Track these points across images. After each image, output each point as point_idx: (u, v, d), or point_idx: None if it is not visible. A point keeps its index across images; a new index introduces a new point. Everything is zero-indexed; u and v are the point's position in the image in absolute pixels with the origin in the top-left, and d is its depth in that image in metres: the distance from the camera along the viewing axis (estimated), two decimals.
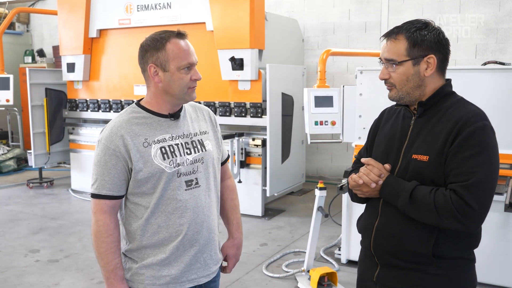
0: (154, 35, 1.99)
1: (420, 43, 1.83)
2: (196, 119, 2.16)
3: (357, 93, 4.38)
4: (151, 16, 6.62)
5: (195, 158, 2.06)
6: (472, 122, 1.77)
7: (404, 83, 1.86)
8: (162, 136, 2.01)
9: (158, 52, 1.95)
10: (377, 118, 2.17)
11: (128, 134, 1.96)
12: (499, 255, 3.90)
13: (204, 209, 2.07)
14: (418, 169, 1.83)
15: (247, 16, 5.82)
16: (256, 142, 6.21)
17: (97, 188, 1.98)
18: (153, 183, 1.97)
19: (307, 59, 8.08)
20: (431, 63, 1.84)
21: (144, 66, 2.00)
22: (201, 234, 2.07)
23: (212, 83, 6.30)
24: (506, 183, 3.77)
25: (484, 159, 1.75)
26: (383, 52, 1.90)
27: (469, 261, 1.91)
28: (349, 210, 4.54)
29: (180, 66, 1.95)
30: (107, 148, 1.95)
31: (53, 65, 10.36)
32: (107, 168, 1.95)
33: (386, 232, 1.92)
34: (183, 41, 1.98)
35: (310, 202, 6.54)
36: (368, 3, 7.69)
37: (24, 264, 4.74)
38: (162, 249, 2.02)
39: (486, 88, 3.89)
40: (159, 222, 2.01)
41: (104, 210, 1.98)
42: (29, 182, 7.98)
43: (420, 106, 1.89)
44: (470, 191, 1.71)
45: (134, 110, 2.05)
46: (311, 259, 4.31)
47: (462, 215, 1.71)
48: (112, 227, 1.99)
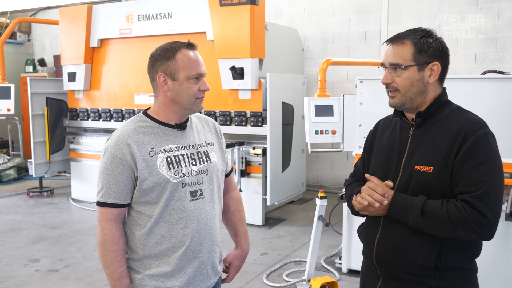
0: (165, 45, 2.02)
1: (426, 50, 1.84)
2: (202, 131, 2.18)
3: (357, 102, 4.39)
4: (152, 25, 6.65)
5: (200, 169, 2.06)
6: (475, 131, 1.77)
7: (408, 87, 1.85)
8: (168, 146, 2.02)
9: (168, 62, 1.97)
10: (372, 129, 2.15)
11: (134, 143, 1.96)
12: (500, 264, 3.88)
13: (208, 220, 2.07)
14: (422, 181, 1.82)
15: (247, 26, 5.85)
16: (257, 151, 6.21)
17: (103, 196, 1.98)
18: (157, 192, 1.97)
19: (307, 68, 8.10)
20: (435, 70, 1.85)
21: (154, 75, 2.02)
22: (204, 245, 2.07)
23: (213, 92, 6.31)
24: (507, 192, 3.76)
25: (490, 167, 1.75)
26: (387, 57, 1.89)
27: (471, 272, 1.90)
28: (350, 219, 4.53)
29: (189, 76, 1.98)
30: (113, 156, 1.96)
31: (54, 75, 10.40)
32: (113, 176, 1.95)
33: (388, 245, 1.90)
34: (192, 52, 2.02)
35: (310, 211, 6.54)
36: (367, 12, 7.73)
37: (24, 274, 4.72)
38: (165, 260, 2.02)
39: (486, 97, 3.90)
40: (162, 232, 2.00)
41: (110, 218, 1.98)
42: (29, 191, 7.97)
43: (419, 117, 1.88)
44: (482, 201, 1.71)
45: (141, 119, 2.05)
46: (312, 268, 4.30)
47: (478, 225, 1.71)
48: (118, 236, 1.99)
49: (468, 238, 1.77)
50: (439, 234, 1.79)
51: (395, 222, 1.87)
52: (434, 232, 1.79)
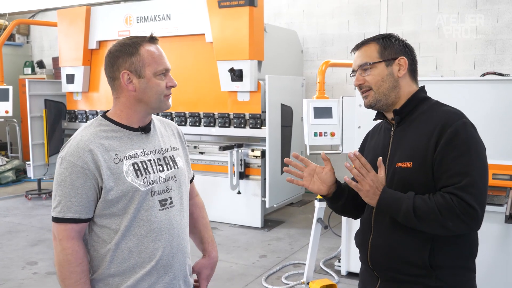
0: (124, 40, 1.84)
1: (390, 47, 1.92)
2: (166, 134, 2.02)
3: (356, 104, 4.38)
4: (150, 27, 6.64)
5: (168, 176, 1.90)
6: (452, 122, 1.77)
7: (380, 83, 1.90)
8: (134, 152, 1.84)
9: (132, 57, 1.80)
10: (364, 138, 2.20)
11: (97, 149, 1.76)
12: (499, 266, 3.87)
13: (180, 230, 1.91)
14: (403, 176, 1.83)
15: (246, 28, 5.85)
16: (256, 153, 6.20)
17: (62, 211, 1.75)
18: (124, 203, 1.78)
19: (306, 70, 8.09)
20: (403, 64, 1.91)
21: (115, 74, 1.84)
22: (176, 259, 1.90)
23: (212, 94, 6.31)
24: (506, 194, 3.74)
25: (472, 157, 1.74)
26: (355, 61, 1.96)
27: (469, 271, 1.89)
28: (349, 221, 4.51)
29: (157, 71, 1.82)
30: (73, 165, 1.74)
31: (53, 77, 10.39)
32: (73, 188, 1.74)
33: (381, 246, 1.90)
34: (156, 46, 1.86)
35: (309, 213, 6.52)
36: (367, 14, 7.73)
37: (21, 277, 4.70)
38: (133, 277, 1.81)
39: (485, 99, 3.89)
40: (130, 247, 1.81)
41: (71, 236, 1.76)
42: (27, 193, 7.95)
43: (396, 114, 1.91)
44: (467, 191, 1.70)
45: (102, 123, 1.86)
46: (311, 271, 4.28)
47: (466, 216, 1.70)
48: (81, 255, 1.77)
49: (457, 229, 1.75)
50: (428, 227, 1.77)
51: (386, 222, 1.88)
52: (423, 226, 1.77)
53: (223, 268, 4.82)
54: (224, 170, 6.27)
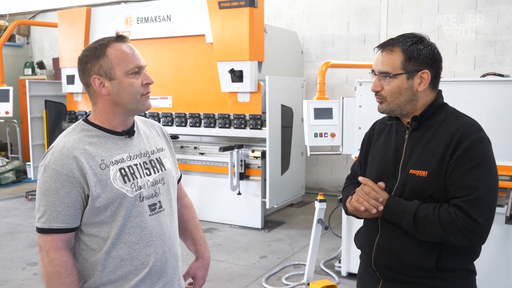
0: (92, 44, 1.79)
1: (416, 57, 1.82)
2: (151, 136, 1.96)
3: (357, 105, 4.38)
4: (151, 28, 6.64)
5: (156, 179, 1.86)
6: (469, 135, 1.76)
7: (396, 96, 1.84)
8: (120, 156, 1.78)
9: (99, 60, 1.74)
10: (368, 131, 2.14)
11: (82, 155, 1.70)
12: (500, 267, 3.87)
13: (171, 234, 1.88)
14: (417, 185, 1.81)
15: (246, 28, 5.85)
16: (256, 154, 6.20)
17: (47, 221, 1.70)
18: (113, 210, 1.73)
19: (307, 71, 8.09)
20: (425, 78, 1.83)
21: (87, 80, 1.77)
22: (169, 263, 1.87)
23: (212, 95, 6.31)
24: (507, 195, 3.75)
25: (484, 172, 1.74)
26: (377, 64, 1.88)
27: (471, 273, 1.90)
28: (349, 222, 4.51)
29: (128, 70, 1.75)
30: (57, 173, 1.68)
31: (53, 77, 10.38)
32: (59, 197, 1.69)
33: (388, 247, 1.89)
34: (125, 45, 1.79)
35: (310, 214, 6.51)
36: (367, 15, 7.73)
37: (21, 278, 4.70)
38: (126, 284, 1.78)
39: (485, 100, 3.89)
40: (121, 255, 1.76)
41: (59, 246, 1.71)
42: (27, 194, 7.95)
43: (414, 121, 1.87)
44: (474, 205, 1.69)
45: (84, 128, 1.80)
46: (311, 271, 4.28)
47: (469, 231, 1.70)
48: (70, 265, 1.72)
49: (459, 244, 1.76)
50: (430, 239, 1.78)
51: (394, 224, 1.87)
52: (425, 238, 1.78)
53: (223, 269, 4.83)
54: (224, 170, 6.27)
